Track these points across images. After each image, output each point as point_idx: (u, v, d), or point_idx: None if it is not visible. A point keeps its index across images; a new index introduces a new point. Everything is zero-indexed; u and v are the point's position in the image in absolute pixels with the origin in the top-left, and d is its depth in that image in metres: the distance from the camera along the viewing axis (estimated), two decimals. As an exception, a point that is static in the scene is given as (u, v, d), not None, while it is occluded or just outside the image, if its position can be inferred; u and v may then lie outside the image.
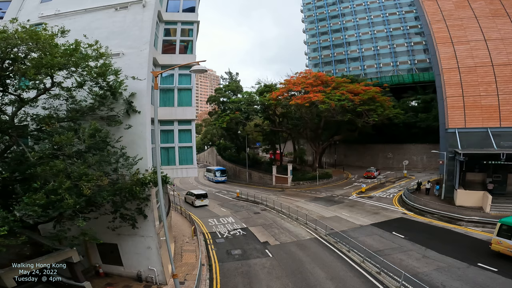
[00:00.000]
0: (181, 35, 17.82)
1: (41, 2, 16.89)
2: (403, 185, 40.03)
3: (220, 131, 65.69)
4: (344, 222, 25.55)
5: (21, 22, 11.07)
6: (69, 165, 10.97)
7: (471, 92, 30.86)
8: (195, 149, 17.71)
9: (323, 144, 53.41)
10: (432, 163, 50.25)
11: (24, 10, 16.80)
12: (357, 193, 37.16)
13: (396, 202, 31.44)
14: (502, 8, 32.66)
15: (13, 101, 12.29)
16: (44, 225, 12.63)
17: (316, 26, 74.94)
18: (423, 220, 25.14)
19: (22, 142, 12.29)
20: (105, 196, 11.60)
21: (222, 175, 58.64)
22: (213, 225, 27.01)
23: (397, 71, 62.97)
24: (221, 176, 58.47)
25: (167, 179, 14.54)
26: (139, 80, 14.14)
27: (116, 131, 13.77)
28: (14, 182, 12.02)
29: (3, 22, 11.96)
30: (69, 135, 10.98)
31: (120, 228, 14.09)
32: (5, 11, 17.25)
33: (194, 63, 11.96)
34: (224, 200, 38.51)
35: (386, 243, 20.32)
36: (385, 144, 58.02)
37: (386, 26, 65.43)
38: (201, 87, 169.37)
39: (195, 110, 17.65)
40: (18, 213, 9.98)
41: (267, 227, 25.56)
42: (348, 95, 42.76)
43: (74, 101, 13.46)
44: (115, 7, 15.68)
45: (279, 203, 31.98)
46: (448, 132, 30.58)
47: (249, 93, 55.31)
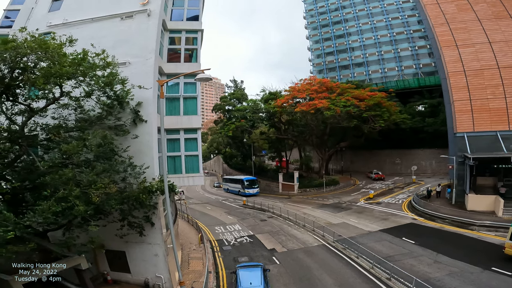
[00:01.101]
0: (185, 44, 18.13)
1: (49, 11, 17.35)
2: (412, 190, 39.41)
3: (226, 139, 65.50)
4: (352, 229, 25.19)
5: (30, 31, 11.33)
6: (78, 173, 11.14)
7: (478, 95, 30.48)
8: (201, 158, 17.81)
9: (330, 151, 53.12)
10: (442, 168, 49.41)
11: (33, 19, 17.23)
12: (365, 199, 36.69)
13: (406, 208, 30.93)
14: (504, 10, 32.50)
15: (23, 111, 12.51)
16: (53, 233, 12.75)
17: (319, 32, 75.05)
18: (434, 225, 24.64)
19: (32, 151, 12.46)
20: (113, 204, 11.74)
21: (253, 186, 46.91)
22: (220, 232, 26.90)
23: (402, 75, 62.56)
24: (252, 187, 46.53)
25: (174, 187, 14.62)
26: (145, 89, 14.34)
27: (123, 140, 13.92)
28: (24, 191, 12.21)
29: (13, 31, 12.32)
30: (75, 144, 11.14)
31: (128, 235, 14.14)
32: (14, 20, 17.80)
33: (199, 72, 12.09)
34: (230, 208, 38.40)
35: (396, 249, 19.94)
36: (392, 150, 57.35)
37: (389, 30, 65.25)
38: (206, 96, 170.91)
39: (200, 118, 17.80)
40: (29, 221, 10.13)
41: (274, 234, 25.34)
42: (354, 101, 42.64)
43: (83, 111, 13.65)
44: (120, 16, 16.04)
45: (286, 210, 31.74)
46: (457, 137, 30.12)
47: (254, 100, 55.58)
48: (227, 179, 54.90)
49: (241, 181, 47.39)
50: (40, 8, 17.63)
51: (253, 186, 46.56)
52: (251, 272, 14.74)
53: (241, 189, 47.11)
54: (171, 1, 18.43)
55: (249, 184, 46.54)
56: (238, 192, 47.63)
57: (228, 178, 55.47)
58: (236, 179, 50.40)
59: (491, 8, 33.47)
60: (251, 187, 46.25)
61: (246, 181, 46.75)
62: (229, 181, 53.14)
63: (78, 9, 16.57)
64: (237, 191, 48.40)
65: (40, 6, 17.70)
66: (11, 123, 12.28)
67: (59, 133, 12.36)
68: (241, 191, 46.70)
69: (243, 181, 46.80)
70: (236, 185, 49.56)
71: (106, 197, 11.35)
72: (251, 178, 48.06)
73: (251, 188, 46.16)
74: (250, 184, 46.63)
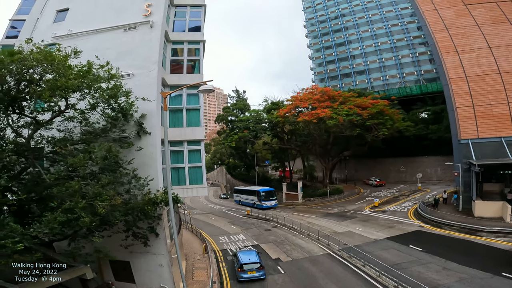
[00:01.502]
0: (188, 55, 18.27)
1: (54, 22, 17.64)
2: (418, 198, 38.98)
3: (229, 150, 65.37)
4: (357, 237, 24.89)
5: (35, 42, 11.53)
6: (84, 185, 11.25)
7: (481, 101, 30.42)
8: (205, 169, 17.82)
9: (333, 160, 52.88)
10: (447, 175, 48.96)
11: (38, 30, 17.53)
12: (370, 207, 36.32)
13: (412, 215, 30.55)
14: (502, 15, 32.67)
15: (29, 124, 12.62)
16: (59, 243, 12.79)
17: (320, 40, 75.23)
18: (441, 232, 24.26)
19: (38, 163, 12.55)
20: (117, 216, 11.82)
21: (271, 198, 42.74)
22: (224, 242, 26.70)
23: (404, 82, 62.46)
24: (269, 199, 42.45)
25: (178, 198, 14.64)
26: (148, 101, 14.42)
27: (127, 152, 13.96)
28: (30, 202, 12.29)
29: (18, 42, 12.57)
30: (82, 157, 11.26)
31: (133, 246, 14.09)
32: (20, 30, 18.14)
33: (201, 83, 12.17)
34: (234, 218, 38.18)
35: (403, 257, 19.63)
36: (396, 158, 56.98)
37: (389, 37, 65.36)
38: (209, 106, 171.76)
39: (204, 130, 17.86)
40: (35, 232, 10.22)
41: (279, 243, 25.09)
42: (356, 109, 42.54)
43: (88, 123, 13.73)
44: (124, 28, 16.28)
45: (290, 219, 31.48)
46: (461, 143, 29.93)
47: (256, 111, 55.85)
48: (240, 190, 50.74)
49: (257, 193, 43.45)
50: (45, 18, 17.93)
51: (271, 198, 42.71)
52: (249, 253, 19.42)
53: (256, 201, 43.13)
54: (173, 13, 18.69)
55: (266, 195, 42.59)
56: (253, 205, 43.21)
57: (240, 189, 50.98)
58: (251, 190, 46.13)
59: (489, 13, 33.68)
60: (268, 199, 42.31)
61: (263, 193, 42.63)
62: (242, 192, 49.20)
63: (82, 20, 16.82)
64: (251, 203, 44.11)
65: (45, 16, 17.99)
66: (17, 136, 12.41)
67: (65, 146, 12.49)
68: (257, 204, 42.70)
69: (259, 193, 42.82)
70: (250, 197, 45.44)
71: (111, 208, 11.42)
72: (268, 190, 43.66)
73: (269, 200, 42.21)
74: (267, 195, 42.65)
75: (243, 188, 50.68)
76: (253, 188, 46.36)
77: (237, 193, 50.90)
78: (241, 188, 50.96)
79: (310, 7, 78.94)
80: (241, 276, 17.72)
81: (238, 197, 50.42)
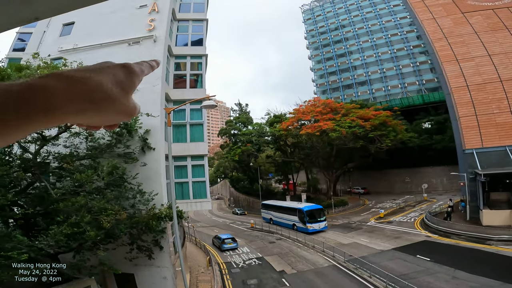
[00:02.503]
0: (190, 69, 18.62)
1: (60, 35, 18.15)
2: (424, 208, 38.38)
3: (233, 163, 65.17)
4: (363, 248, 24.49)
5: (42, 57, 11.90)
6: (89, 200, 11.40)
7: (483, 110, 30.30)
8: (208, 183, 17.89)
9: (337, 172, 52.47)
10: (453, 185, 48.17)
11: (45, 43, 18.02)
12: (376, 218, 35.81)
13: (419, 226, 30.05)
14: (499, 21, 32.68)
15: (36, 139, 12.85)
16: (64, 255, 12.82)
17: (321, 52, 74.91)
18: (449, 242, 23.82)
19: (44, 178, 12.71)
20: (122, 229, 11.96)
21: (319, 218, 31.36)
22: (228, 255, 26.40)
23: (406, 92, 61.96)
24: (317, 220, 31.12)
25: (182, 214, 14.70)
26: (153, 116, 14.58)
27: (132, 167, 14.13)
28: (36, 216, 12.41)
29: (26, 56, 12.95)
30: (89, 173, 11.46)
31: (137, 258, 14.11)
32: (27, 43, 18.61)
33: (204, 98, 12.42)
34: (238, 231, 37.80)
35: (411, 267, 19.25)
36: (401, 169, 56.25)
37: (389, 47, 65.05)
38: (212, 119, 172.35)
39: (207, 145, 18.04)
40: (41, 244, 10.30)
41: (283, 256, 24.76)
42: (359, 121, 42.40)
43: (93, 139, 13.94)
44: (128, 42, 16.74)
45: (294, 232, 31.09)
46: (466, 153, 29.70)
47: (259, 124, 56.05)
48: (272, 205, 39.71)
49: (299, 211, 32.39)
50: (52, 31, 18.40)
51: (319, 218, 31.38)
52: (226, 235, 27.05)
53: (298, 222, 32.41)
54: (176, 27, 19.17)
55: (312, 215, 31.33)
56: (293, 227, 33.01)
57: (272, 204, 39.77)
58: (289, 207, 35.43)
59: (486, 20, 33.76)
60: (315, 220, 31.02)
61: (308, 211, 31.45)
62: (275, 209, 38.30)
63: (87, 34, 17.24)
64: (289, 224, 33.79)
65: (51, 29, 18.44)
66: (24, 152, 12.62)
67: (72, 162, 12.66)
68: (298, 226, 32.09)
69: (302, 211, 31.63)
70: (288, 216, 34.62)
71: (116, 222, 11.52)
72: (314, 207, 32.46)
73: (316, 222, 30.96)
74: (314, 215, 31.38)
75: (276, 203, 39.84)
76: (292, 205, 35.72)
77: (267, 209, 40.47)
78: (274, 204, 39.75)
79: (310, 18, 79.23)
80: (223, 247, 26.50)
81: (268, 214, 39.75)
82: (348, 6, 73.47)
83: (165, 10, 17.56)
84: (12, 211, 11.80)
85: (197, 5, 20.04)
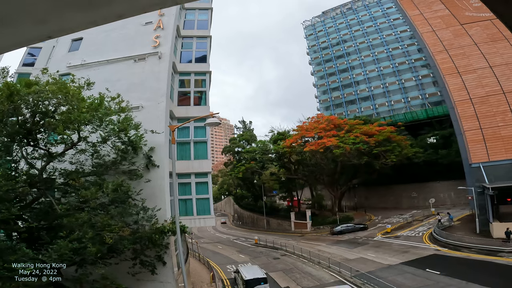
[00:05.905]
0: (195, 86, 18.84)
1: (68, 51, 18.66)
2: (432, 222, 37.55)
3: (237, 181, 64.71)
4: (370, 263, 23.96)
5: (51, 73, 12.21)
6: (93, 216, 11.56)
7: (488, 123, 30.03)
8: (212, 200, 17.90)
9: (342, 189, 51.87)
10: (462, 199, 47.19)
11: (54, 58, 18.48)
12: (382, 233, 35.17)
13: (427, 240, 29.42)
14: (498, 32, 32.39)
15: (42, 156, 13.15)
16: (67, 269, 12.85)
17: (323, 67, 74.95)
18: (460, 255, 23.29)
19: (50, 194, 12.91)
20: (125, 244, 12.04)
21: None
22: (232, 271, 25.94)
23: (409, 107, 61.54)
24: None
25: (185, 228, 14.74)
26: (157, 133, 14.81)
27: (136, 184, 14.26)
28: (40, 230, 12.54)
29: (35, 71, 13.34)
30: (94, 190, 11.67)
31: (140, 273, 14.05)
32: (36, 58, 19.10)
33: (208, 116, 12.63)
34: (242, 247, 37.36)
35: (420, 281, 18.78)
36: (407, 184, 55.13)
37: (391, 61, 64.82)
38: (215, 136, 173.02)
39: (211, 162, 18.16)
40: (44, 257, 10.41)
41: (288, 272, 24.31)
42: (363, 137, 42.12)
43: (99, 156, 14.13)
44: (134, 59, 17.16)
45: (299, 247, 30.67)
46: (473, 167, 29.36)
47: (263, 142, 56.08)
48: None
49: None
50: (61, 47, 18.90)
51: None
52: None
53: None
54: (180, 44, 19.60)
55: None
56: None
57: None
58: None
59: (485, 31, 33.73)
60: None
61: None
62: None
63: (95, 50, 17.72)
64: None
65: (60, 44, 18.94)
66: (30, 167, 12.89)
67: (78, 179, 12.89)
68: None
69: None
70: None
71: (119, 238, 11.62)
72: None
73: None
74: None
75: None
76: None
77: None
78: None
79: (311, 34, 79.92)
80: None
81: None
82: (349, 21, 74.24)
83: (170, 27, 18.05)
84: (16, 224, 11.95)
85: (201, 22, 20.53)
